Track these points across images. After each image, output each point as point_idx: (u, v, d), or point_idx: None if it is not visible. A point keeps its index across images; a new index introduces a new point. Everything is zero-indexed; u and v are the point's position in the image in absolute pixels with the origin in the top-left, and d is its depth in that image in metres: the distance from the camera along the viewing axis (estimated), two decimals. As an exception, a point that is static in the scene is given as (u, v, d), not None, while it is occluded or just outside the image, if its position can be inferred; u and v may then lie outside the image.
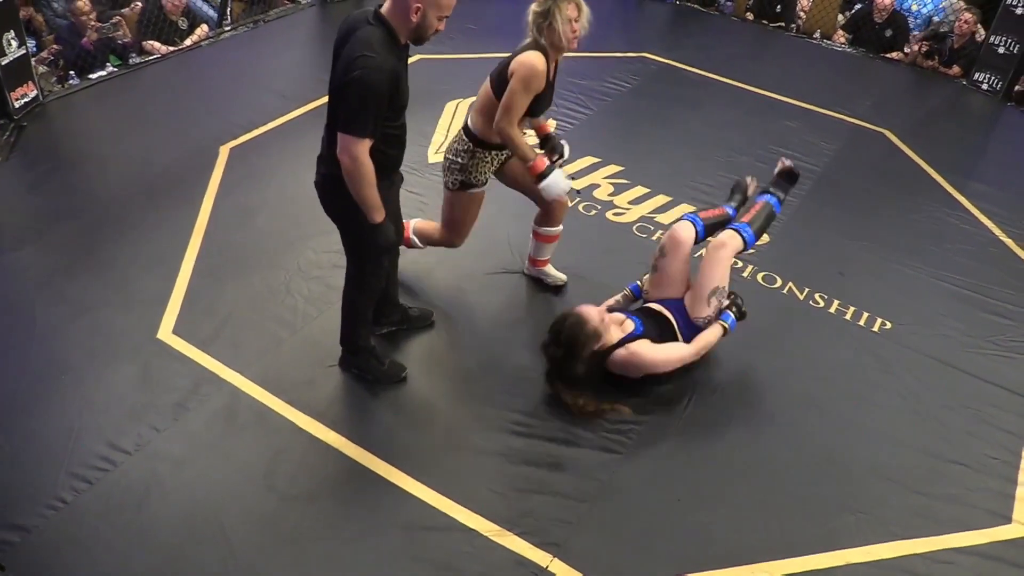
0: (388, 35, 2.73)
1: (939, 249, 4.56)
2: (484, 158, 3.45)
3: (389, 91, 2.71)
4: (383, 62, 2.66)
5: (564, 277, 3.98)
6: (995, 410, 3.56)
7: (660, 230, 4.44)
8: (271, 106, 5.31)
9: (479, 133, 3.41)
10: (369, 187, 2.77)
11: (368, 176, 2.75)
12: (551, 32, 3.17)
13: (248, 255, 4.02)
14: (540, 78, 3.22)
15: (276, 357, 3.47)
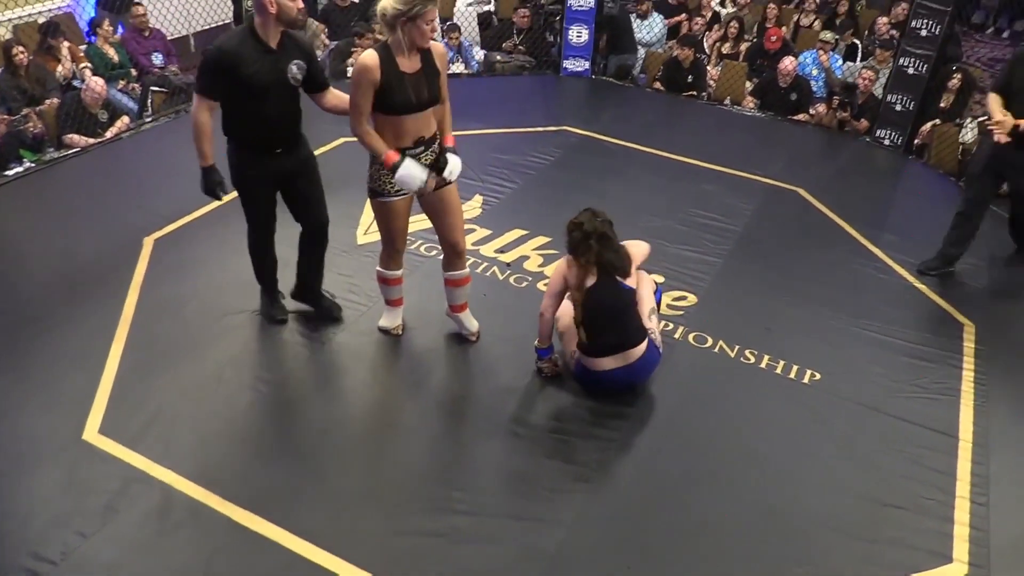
0: (248, 30, 3.49)
1: (858, 299, 4.73)
2: (381, 167, 3.52)
3: (226, 66, 3.44)
4: (223, 43, 3.48)
5: (476, 326, 4.07)
6: (926, 451, 3.67)
7: (591, 297, 4.50)
8: (195, 195, 5.18)
9: None
10: (198, 139, 3.65)
11: (197, 129, 3.61)
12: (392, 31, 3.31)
13: (177, 347, 3.94)
14: (367, 73, 3.28)
15: (209, 450, 3.37)
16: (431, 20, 3.24)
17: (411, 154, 3.45)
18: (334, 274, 4.55)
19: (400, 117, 3.39)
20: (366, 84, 3.29)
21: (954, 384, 4.11)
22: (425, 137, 3.49)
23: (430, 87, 3.41)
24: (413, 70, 3.35)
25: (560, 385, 3.87)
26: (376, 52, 3.29)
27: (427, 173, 3.47)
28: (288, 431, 3.51)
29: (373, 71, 3.27)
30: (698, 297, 4.60)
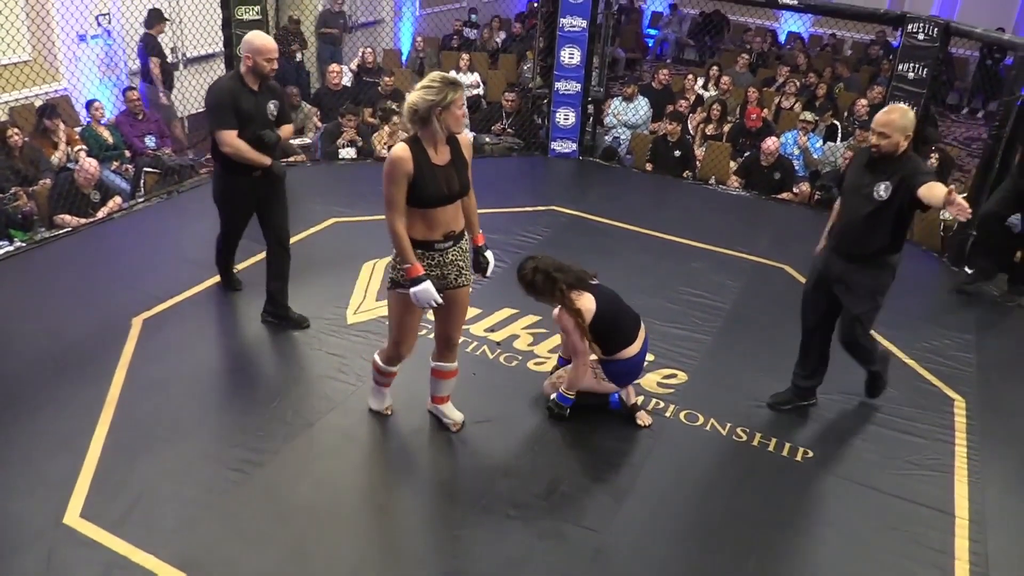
0: (237, 75, 4.40)
1: (848, 375, 4.72)
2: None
3: (229, 99, 4.31)
4: (223, 83, 4.40)
5: (460, 417, 3.98)
6: (924, 529, 3.62)
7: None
8: (185, 275, 5.27)
9: None
10: (248, 153, 4.41)
11: (239, 151, 4.38)
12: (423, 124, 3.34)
13: (162, 428, 3.88)
14: (401, 165, 3.29)
15: (193, 534, 3.29)
16: (462, 104, 3.31)
17: (440, 248, 3.46)
18: (323, 353, 4.53)
19: (432, 210, 3.38)
20: (400, 177, 3.28)
21: (947, 460, 4.09)
22: (455, 232, 3.49)
23: (460, 178, 3.42)
24: (444, 161, 3.37)
25: (552, 465, 3.83)
26: (407, 145, 3.31)
27: (437, 296, 3.42)
28: (275, 514, 3.43)
29: (406, 163, 3.27)
30: (688, 375, 4.59)
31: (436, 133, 3.31)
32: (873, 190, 3.80)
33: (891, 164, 3.79)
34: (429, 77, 3.31)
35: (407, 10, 12.47)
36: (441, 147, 3.37)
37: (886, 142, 3.75)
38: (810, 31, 14.62)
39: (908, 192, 3.69)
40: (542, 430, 4.05)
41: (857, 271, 3.97)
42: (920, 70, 6.68)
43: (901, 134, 3.73)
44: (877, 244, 3.89)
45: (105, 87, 8.27)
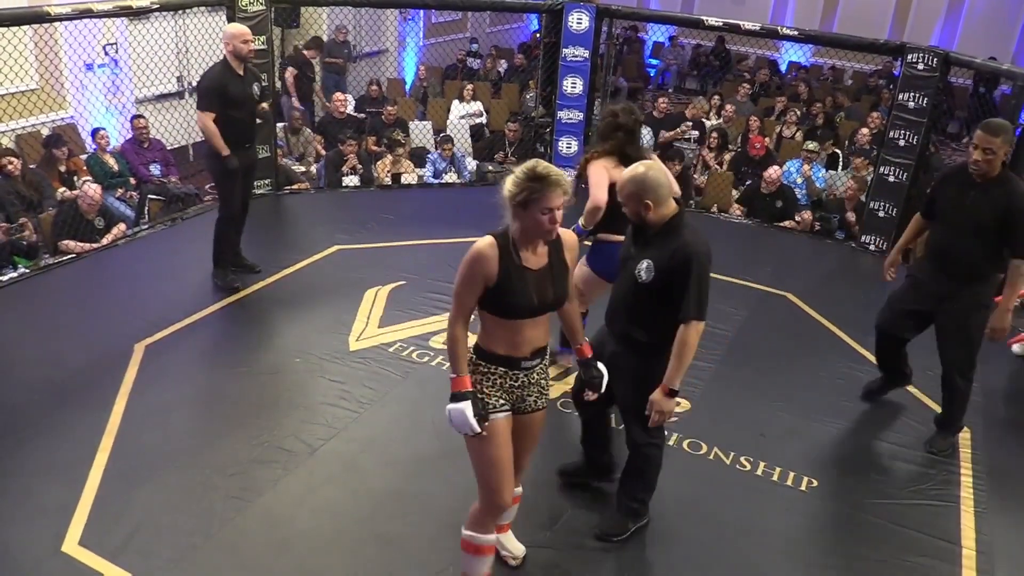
0: (224, 64, 5.15)
1: (852, 403, 4.71)
2: (489, 373, 2.83)
3: (220, 87, 5.06)
4: (213, 74, 5.13)
5: (521, 550, 3.37)
6: (928, 560, 3.58)
7: (584, 402, 4.47)
8: (188, 301, 5.28)
9: (481, 346, 2.86)
10: (213, 137, 5.10)
11: (207, 131, 5.10)
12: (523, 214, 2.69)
13: (162, 456, 3.86)
14: (482, 263, 2.70)
15: (192, 564, 3.25)
16: (552, 207, 2.63)
17: (527, 367, 2.83)
18: (325, 380, 4.52)
19: (517, 322, 2.76)
20: (477, 276, 2.70)
21: (953, 490, 4.05)
22: (542, 347, 2.87)
23: (557, 287, 2.80)
24: (538, 265, 2.76)
25: (555, 495, 3.80)
26: (495, 240, 2.72)
27: (475, 424, 2.75)
28: (275, 543, 3.40)
29: (489, 262, 2.69)
30: (692, 403, 4.57)
31: (525, 231, 2.70)
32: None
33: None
34: (520, 168, 2.70)
35: (411, 40, 12.60)
36: (538, 247, 2.76)
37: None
38: (811, 61, 14.75)
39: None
40: (546, 461, 4.02)
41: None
42: (920, 99, 6.71)
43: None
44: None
45: (111, 115, 8.33)
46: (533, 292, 2.73)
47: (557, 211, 2.64)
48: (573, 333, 3.07)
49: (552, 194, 2.62)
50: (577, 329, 3.06)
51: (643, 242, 3.22)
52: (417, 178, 8.06)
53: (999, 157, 3.85)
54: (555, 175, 2.63)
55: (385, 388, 4.49)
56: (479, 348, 2.83)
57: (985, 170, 3.88)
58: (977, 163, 3.88)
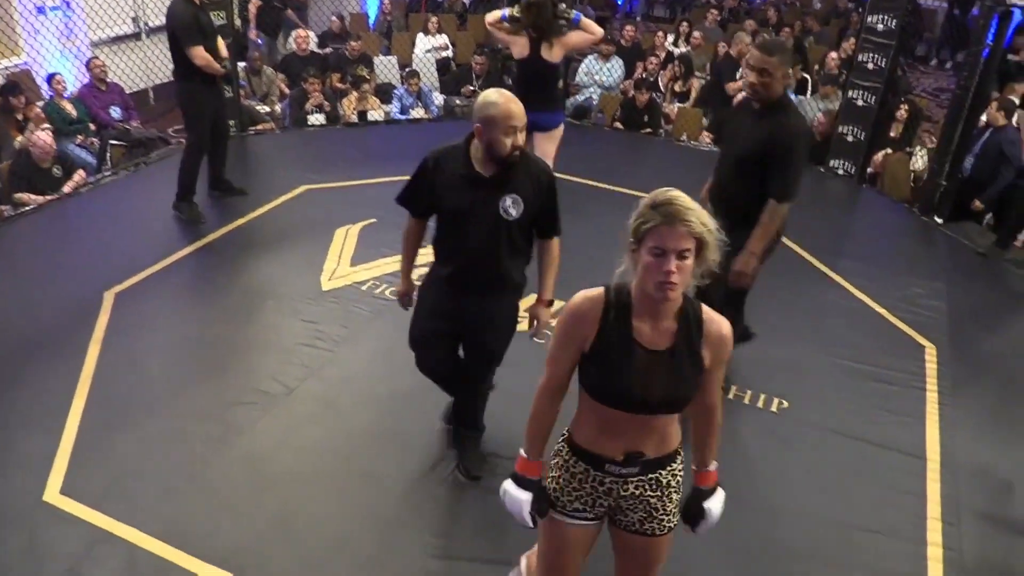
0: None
1: (822, 326, 4.80)
2: (570, 466, 2.22)
3: (193, 21, 5.16)
4: (176, 9, 5.18)
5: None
6: (896, 474, 3.70)
7: (559, 334, 4.51)
8: (157, 246, 5.21)
9: (571, 430, 2.24)
10: (210, 65, 5.28)
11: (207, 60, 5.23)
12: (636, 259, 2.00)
13: (139, 402, 3.86)
14: (578, 321, 2.08)
15: (175, 507, 3.29)
16: (664, 248, 1.90)
17: (615, 472, 2.15)
18: (299, 321, 4.51)
19: (612, 411, 2.08)
20: (571, 337, 2.10)
21: (919, 406, 4.17)
22: (646, 455, 2.14)
23: (675, 382, 2.05)
24: (657, 344, 2.04)
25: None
26: (604, 293, 2.08)
27: (535, 516, 2.24)
28: (257, 483, 3.44)
29: (584, 321, 2.07)
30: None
31: (643, 282, 1.98)
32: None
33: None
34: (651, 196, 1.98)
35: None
36: (663, 320, 2.04)
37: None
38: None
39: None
40: (522, 395, 4.06)
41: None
42: (889, 22, 6.67)
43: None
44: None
45: (66, 60, 8.08)
46: (637, 379, 2.02)
47: (675, 257, 1.89)
48: (703, 453, 2.30)
49: (669, 230, 1.89)
50: (709, 446, 2.30)
51: (503, 179, 2.97)
52: (384, 114, 7.95)
53: (777, 80, 3.48)
54: (682, 205, 1.90)
55: (359, 326, 4.50)
56: (570, 435, 2.23)
57: (762, 95, 3.51)
58: (752, 86, 3.51)
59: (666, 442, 2.17)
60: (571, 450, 2.20)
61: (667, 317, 2.04)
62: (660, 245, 1.91)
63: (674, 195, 1.94)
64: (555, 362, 2.15)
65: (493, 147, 2.88)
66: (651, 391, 2.03)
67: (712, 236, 1.92)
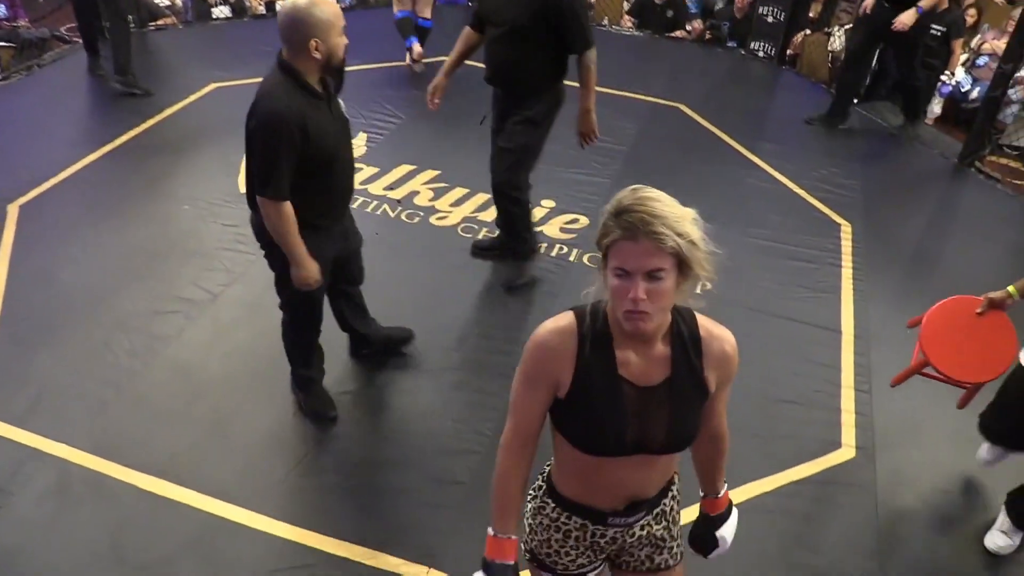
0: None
1: (743, 208, 4.89)
2: (562, 525, 1.83)
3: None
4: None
5: None
6: (813, 347, 3.87)
7: (485, 228, 4.50)
8: (60, 155, 4.94)
9: (553, 480, 1.85)
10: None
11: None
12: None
13: (57, 317, 3.74)
14: (545, 358, 1.67)
15: (104, 420, 3.24)
16: (625, 268, 1.53)
17: (618, 523, 1.81)
18: (219, 225, 4.39)
19: (603, 460, 1.69)
20: (538, 377, 1.68)
21: (835, 282, 4.33)
22: (648, 497, 1.81)
23: (685, 418, 1.69)
24: (650, 380, 1.66)
25: (460, 316, 3.89)
26: (576, 320, 1.66)
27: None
28: (188, 391, 3.40)
29: (557, 360, 1.65)
30: (590, 219, 4.65)
31: (615, 307, 1.59)
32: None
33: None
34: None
35: None
36: (652, 347, 1.65)
37: None
38: None
39: None
40: (447, 283, 4.08)
41: None
42: None
43: None
44: None
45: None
46: (631, 424, 1.65)
47: (642, 279, 1.51)
48: (706, 475, 1.95)
49: (632, 245, 1.51)
50: (715, 471, 1.94)
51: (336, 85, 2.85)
52: (293, 5, 7.56)
53: None
54: (647, 212, 1.53)
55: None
56: (551, 485, 1.83)
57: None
58: None
59: (669, 469, 1.82)
60: (558, 505, 1.81)
61: (655, 341, 1.65)
62: (622, 265, 1.52)
63: (641, 197, 1.56)
64: (520, 409, 1.70)
65: (336, 53, 2.66)
66: (650, 435, 1.65)
67: (695, 249, 1.54)
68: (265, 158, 2.62)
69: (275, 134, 2.58)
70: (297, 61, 2.62)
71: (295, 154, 2.62)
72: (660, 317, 1.59)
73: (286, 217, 2.69)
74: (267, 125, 2.58)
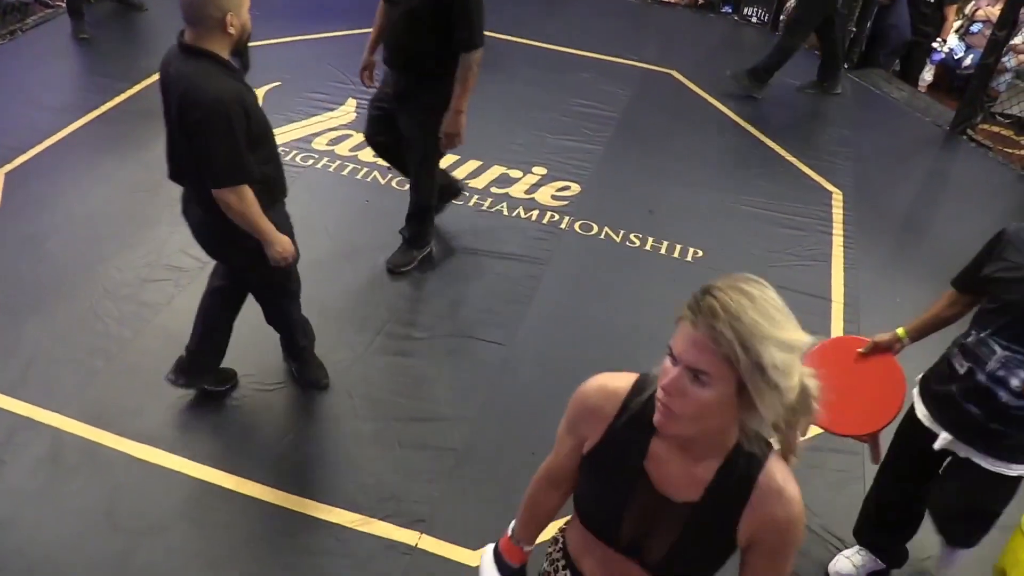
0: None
1: (735, 176, 4.88)
2: (560, 565, 1.70)
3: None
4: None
5: None
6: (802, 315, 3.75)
7: (476, 195, 4.49)
8: (45, 122, 4.88)
9: (568, 528, 1.71)
10: None
11: None
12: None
13: (45, 286, 3.71)
14: (582, 410, 1.54)
15: (96, 389, 3.24)
16: (679, 355, 1.30)
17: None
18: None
19: (592, 535, 1.54)
20: (575, 428, 1.56)
21: (825, 250, 4.34)
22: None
23: (697, 552, 1.46)
24: (675, 491, 1.43)
25: (452, 285, 3.88)
26: (634, 385, 1.48)
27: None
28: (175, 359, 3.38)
29: (593, 419, 1.51)
30: (582, 186, 4.64)
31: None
32: None
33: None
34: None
35: None
36: (697, 460, 1.41)
37: None
38: None
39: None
40: (439, 249, 4.07)
41: None
42: None
43: None
44: None
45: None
46: (631, 523, 1.46)
47: (685, 370, 1.28)
48: None
49: (689, 330, 1.29)
50: None
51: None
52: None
53: None
54: (720, 301, 1.28)
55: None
56: (566, 530, 1.71)
57: None
58: None
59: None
60: (564, 554, 1.68)
61: (704, 456, 1.39)
62: (672, 346, 1.31)
63: (735, 284, 1.31)
64: (556, 448, 1.63)
65: (247, 27, 2.57)
66: (648, 545, 1.46)
67: (759, 375, 1.24)
68: (225, 145, 2.50)
69: (226, 119, 2.47)
70: (209, 41, 2.50)
71: (245, 134, 2.53)
72: (688, 426, 1.33)
73: (250, 199, 2.59)
74: (216, 112, 2.46)
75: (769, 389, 1.25)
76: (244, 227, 2.65)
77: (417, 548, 2.76)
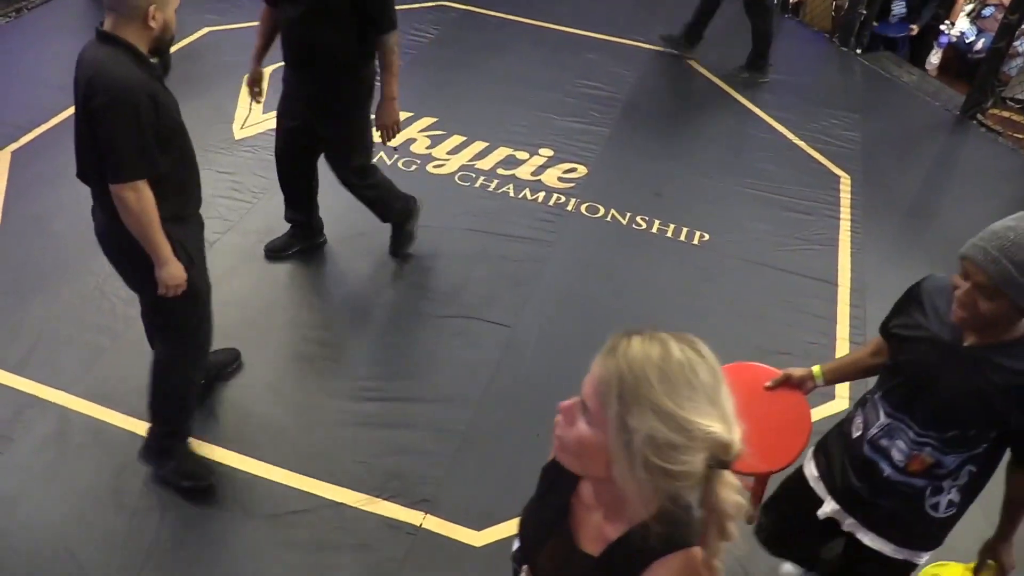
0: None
1: (742, 159, 4.86)
2: None
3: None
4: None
5: None
6: (808, 299, 3.88)
7: (482, 176, 4.47)
8: (51, 101, 4.86)
9: None
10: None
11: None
12: None
13: (50, 264, 3.72)
14: None
15: (102, 368, 3.25)
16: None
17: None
18: (214, 172, 4.35)
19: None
20: None
21: (832, 234, 4.32)
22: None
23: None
24: (583, 534, 1.35)
25: (459, 266, 3.88)
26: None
27: None
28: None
29: None
30: (588, 168, 4.62)
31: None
32: None
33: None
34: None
35: None
36: (605, 517, 1.31)
37: None
38: None
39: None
40: (447, 234, 4.06)
41: None
42: None
43: None
44: None
45: None
46: (548, 549, 1.40)
47: (577, 406, 1.23)
48: None
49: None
50: None
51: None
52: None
53: None
54: (624, 339, 1.25)
55: (277, 176, 4.34)
56: None
57: None
58: None
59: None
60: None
61: (616, 515, 1.27)
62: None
63: (659, 333, 1.24)
64: None
65: (171, 26, 2.41)
66: (540, 561, 1.40)
67: (622, 438, 1.13)
68: (126, 134, 2.30)
69: (132, 106, 2.27)
70: (127, 32, 2.33)
71: (153, 128, 2.33)
72: (573, 461, 1.24)
73: (149, 203, 2.35)
74: (118, 99, 2.27)
75: (628, 460, 1.11)
76: (136, 235, 2.40)
77: (422, 528, 2.77)
